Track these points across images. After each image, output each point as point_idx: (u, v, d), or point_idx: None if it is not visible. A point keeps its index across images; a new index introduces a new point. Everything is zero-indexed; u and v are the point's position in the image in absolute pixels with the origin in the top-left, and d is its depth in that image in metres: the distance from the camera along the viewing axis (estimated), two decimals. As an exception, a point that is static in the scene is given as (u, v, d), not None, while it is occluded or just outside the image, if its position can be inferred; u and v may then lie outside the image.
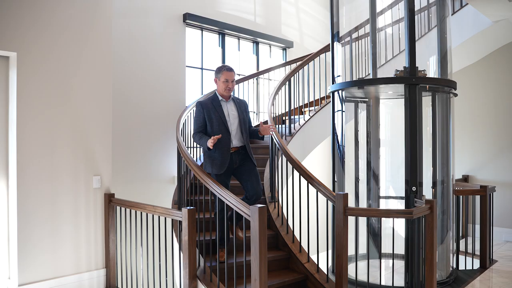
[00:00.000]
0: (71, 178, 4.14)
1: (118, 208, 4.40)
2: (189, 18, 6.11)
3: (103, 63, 4.40)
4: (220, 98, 3.94)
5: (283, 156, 4.46)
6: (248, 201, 3.79)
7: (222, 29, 6.61)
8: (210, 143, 3.62)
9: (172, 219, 4.09)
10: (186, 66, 6.18)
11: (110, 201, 4.39)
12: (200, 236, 3.85)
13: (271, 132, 4.06)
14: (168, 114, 5.79)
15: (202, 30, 6.49)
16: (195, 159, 5.72)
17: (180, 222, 3.49)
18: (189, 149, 5.71)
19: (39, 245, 3.90)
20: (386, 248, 4.65)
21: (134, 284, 4.30)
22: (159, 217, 3.85)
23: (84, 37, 4.25)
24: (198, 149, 6.04)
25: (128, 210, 4.25)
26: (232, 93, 3.97)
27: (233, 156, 3.87)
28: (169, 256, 3.97)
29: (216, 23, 6.48)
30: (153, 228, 3.90)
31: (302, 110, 6.22)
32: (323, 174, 6.63)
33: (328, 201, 3.86)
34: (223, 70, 3.86)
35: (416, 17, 5.82)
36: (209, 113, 3.87)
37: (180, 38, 6.10)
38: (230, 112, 3.93)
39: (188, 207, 3.39)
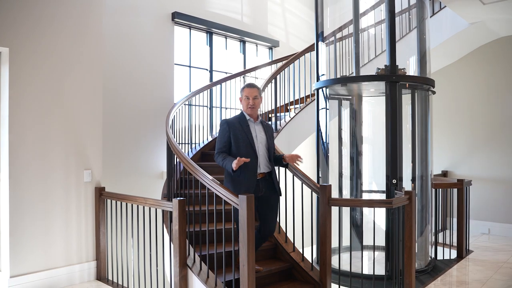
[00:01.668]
0: (62, 172, 4.24)
1: (108, 201, 4.51)
2: (177, 17, 6.24)
3: (94, 59, 4.51)
4: (247, 117, 3.63)
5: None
6: (260, 236, 3.65)
7: (210, 28, 6.75)
8: (235, 164, 3.32)
9: (163, 211, 4.22)
10: (175, 63, 6.31)
11: (100, 194, 4.50)
12: (190, 227, 3.98)
13: (297, 163, 3.71)
14: (157, 110, 5.91)
15: (190, 29, 6.62)
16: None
17: (171, 212, 3.62)
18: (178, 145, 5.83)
19: (31, 237, 4.00)
20: (368, 240, 4.85)
21: (125, 275, 4.42)
22: (149, 208, 3.97)
23: (76, 34, 4.35)
24: (187, 145, 6.17)
25: (118, 203, 4.37)
26: (259, 114, 3.69)
27: (259, 183, 3.56)
28: (159, 247, 4.09)
29: (204, 22, 6.62)
30: (144, 220, 4.03)
31: (288, 107, 6.39)
32: (309, 170, 6.79)
33: (313, 193, 4.04)
34: (244, 87, 3.64)
35: (397, 18, 6.06)
36: (236, 133, 3.54)
37: (169, 37, 6.22)
38: (258, 134, 3.61)
39: (179, 198, 3.53)
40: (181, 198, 3.54)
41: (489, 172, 6.75)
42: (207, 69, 6.84)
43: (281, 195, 3.73)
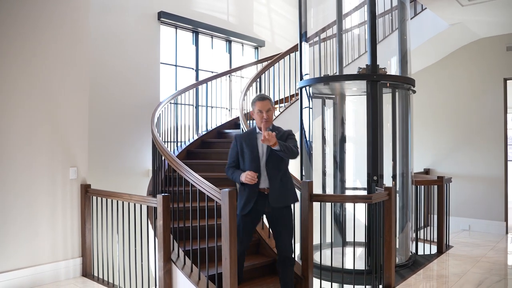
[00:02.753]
0: (48, 170, 4.27)
1: (94, 198, 4.55)
2: (163, 17, 6.29)
3: (80, 58, 4.55)
4: (257, 130, 3.48)
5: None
6: (279, 260, 3.54)
7: (196, 27, 6.81)
8: (243, 177, 3.28)
9: (148, 207, 4.27)
10: (161, 63, 6.36)
11: (86, 191, 4.54)
12: (175, 223, 4.05)
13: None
14: (143, 108, 5.96)
15: (176, 28, 6.68)
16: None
17: (155, 208, 3.68)
18: (164, 143, 5.89)
19: (15, 234, 4.02)
20: (351, 236, 4.96)
21: (110, 271, 4.46)
22: (134, 205, 4.03)
23: (62, 33, 4.39)
24: (173, 143, 6.23)
25: (104, 200, 4.42)
26: (271, 126, 3.47)
27: (260, 199, 3.41)
28: (144, 243, 4.15)
29: (190, 22, 6.68)
30: (129, 216, 4.08)
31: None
32: (292, 168, 6.89)
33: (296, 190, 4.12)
34: (255, 101, 3.41)
35: (380, 20, 6.19)
36: (242, 148, 3.44)
37: (155, 36, 6.28)
38: (266, 147, 3.39)
39: (163, 194, 3.60)
40: (166, 194, 3.61)
41: (470, 169, 6.91)
42: (193, 68, 6.90)
43: (293, 203, 3.56)
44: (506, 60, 6.67)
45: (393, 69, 5.17)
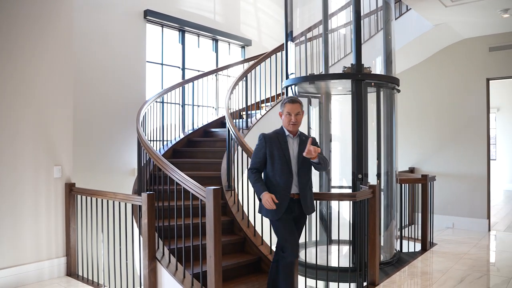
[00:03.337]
0: (31, 168, 4.24)
1: (78, 197, 4.52)
2: (149, 15, 6.27)
3: (65, 55, 4.52)
4: (287, 133, 3.33)
5: (239, 147, 4.71)
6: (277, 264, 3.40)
7: (182, 26, 6.80)
8: (264, 198, 3.13)
9: (132, 205, 4.26)
10: (147, 61, 6.33)
11: (71, 190, 4.51)
12: (160, 222, 4.04)
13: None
14: (129, 107, 5.93)
15: (162, 27, 6.66)
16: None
17: (140, 206, 3.67)
18: (150, 142, 5.86)
19: None
20: (335, 234, 4.99)
21: (95, 270, 4.44)
22: (119, 203, 4.01)
23: (46, 30, 4.35)
24: (159, 142, 6.21)
25: (88, 198, 4.39)
26: (298, 129, 3.38)
27: (294, 204, 3.27)
28: (129, 241, 4.13)
29: (176, 20, 6.66)
30: (114, 215, 4.06)
31: (260, 105, 6.49)
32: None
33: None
34: (285, 103, 3.32)
35: (365, 20, 6.25)
36: (272, 149, 3.26)
37: (141, 34, 6.24)
38: (296, 150, 3.30)
39: (148, 192, 3.59)
40: (150, 192, 3.60)
41: (454, 168, 7.00)
42: (179, 67, 6.88)
43: (313, 212, 3.45)
44: (489, 60, 6.77)
45: (378, 68, 5.22)
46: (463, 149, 6.93)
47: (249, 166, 3.36)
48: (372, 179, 4.74)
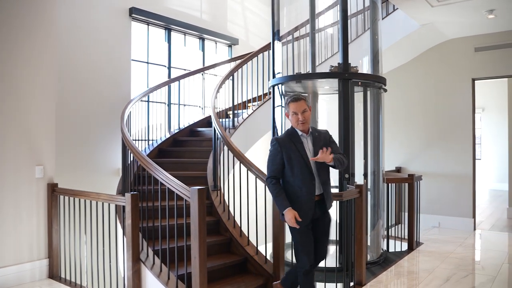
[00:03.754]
0: (12, 168, 4.14)
1: (61, 197, 4.43)
2: (135, 13, 6.18)
3: (48, 52, 4.42)
4: (300, 133, 3.13)
5: (225, 147, 4.66)
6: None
7: (168, 24, 6.72)
8: (288, 216, 2.96)
9: (116, 205, 4.18)
10: (132, 59, 6.24)
11: (53, 190, 4.42)
12: (144, 223, 3.97)
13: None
14: (114, 106, 5.83)
15: (148, 25, 6.57)
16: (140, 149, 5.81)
17: (124, 207, 3.61)
18: (135, 141, 5.78)
19: (-21, 234, 3.88)
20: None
21: (78, 272, 4.35)
22: (102, 204, 3.94)
23: (29, 28, 4.25)
24: (145, 142, 6.13)
25: (71, 199, 4.31)
26: (308, 127, 3.17)
27: (316, 206, 3.12)
28: (114, 243, 4.06)
29: (162, 19, 6.58)
30: (97, 216, 3.99)
31: (247, 105, 6.45)
32: (264, 167, 6.90)
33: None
34: (289, 102, 3.12)
35: (352, 20, 6.24)
36: (289, 153, 3.07)
37: (126, 32, 6.15)
38: (311, 149, 3.12)
39: (132, 193, 3.52)
40: (134, 193, 3.54)
41: (440, 168, 7.03)
42: (165, 66, 6.80)
43: (330, 207, 3.27)
44: (474, 61, 6.82)
45: (364, 68, 5.21)
46: (449, 149, 6.97)
47: (267, 175, 3.15)
48: (359, 179, 4.73)
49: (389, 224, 5.53)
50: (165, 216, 3.54)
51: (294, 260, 4.37)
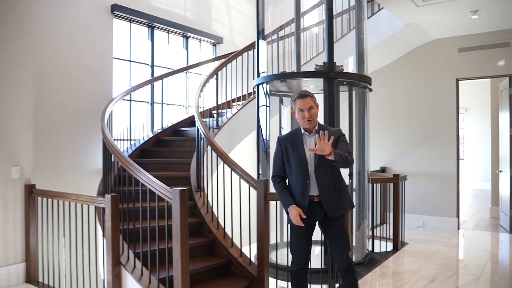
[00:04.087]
0: (-13, 169, 3.99)
1: (39, 199, 4.30)
2: (117, 9, 6.04)
3: (25, 50, 4.29)
4: (302, 131, 3.05)
5: (209, 147, 4.58)
6: (338, 270, 3.17)
7: (151, 22, 6.59)
8: (292, 215, 2.94)
9: (97, 207, 4.07)
10: (114, 58, 6.10)
11: (30, 192, 4.28)
12: (125, 225, 3.86)
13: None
14: (95, 105, 5.68)
15: (130, 22, 6.44)
16: (122, 150, 5.69)
17: (104, 209, 3.50)
18: (117, 141, 5.66)
19: (-49, 237, 3.73)
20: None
21: (56, 276, 4.22)
22: (82, 205, 3.82)
23: (4, 25, 4.11)
24: (127, 141, 6.01)
25: (50, 201, 4.18)
26: (316, 126, 3.04)
27: (311, 207, 3.01)
28: (93, 245, 3.94)
29: (145, 16, 6.46)
30: (76, 218, 3.87)
31: (231, 104, 6.37)
32: (250, 167, 6.81)
33: (251, 189, 4.03)
34: (295, 99, 3.01)
35: (338, 19, 6.21)
36: (287, 151, 3.05)
37: (108, 29, 6.01)
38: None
39: (112, 194, 3.42)
40: (114, 194, 3.44)
41: (424, 168, 7.05)
42: (148, 64, 6.68)
43: (350, 209, 3.16)
44: (459, 61, 6.85)
45: (350, 67, 5.18)
46: (433, 149, 6.99)
47: (271, 174, 3.14)
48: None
49: (374, 224, 5.51)
50: (146, 218, 3.44)
51: (281, 262, 4.34)
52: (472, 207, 9.26)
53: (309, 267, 3.21)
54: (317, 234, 4.26)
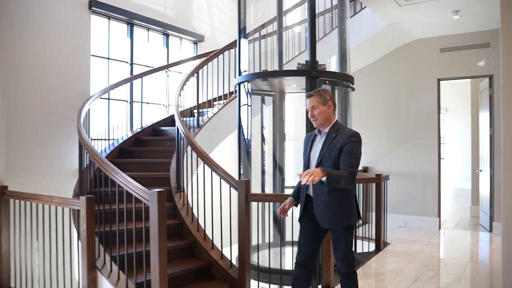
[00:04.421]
0: (-45, 169, 3.81)
1: (11, 201, 4.13)
2: (95, 5, 5.87)
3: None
4: (316, 131, 3.03)
5: (189, 146, 4.47)
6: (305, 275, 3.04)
7: (131, 19, 6.44)
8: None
9: (72, 209, 3.92)
10: (92, 55, 5.93)
11: (2, 194, 4.11)
12: (101, 227, 3.73)
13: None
14: (71, 103, 5.50)
15: (109, 19, 6.27)
16: (99, 150, 5.54)
17: (79, 211, 3.36)
18: (92, 141, 5.51)
19: None
20: (289, 236, 4.86)
21: (30, 281, 4.06)
22: (56, 207, 3.68)
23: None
24: (106, 141, 5.84)
25: (23, 203, 4.01)
26: (329, 125, 2.92)
27: (308, 203, 2.99)
28: (69, 249, 3.79)
29: (124, 13, 6.29)
30: (50, 220, 3.72)
31: (212, 103, 6.27)
32: (231, 168, 6.71)
33: (232, 190, 3.94)
34: (306, 99, 3.02)
35: (320, 18, 6.16)
36: (306, 149, 3.06)
37: (85, 26, 5.84)
38: (318, 150, 2.93)
39: (87, 195, 3.29)
40: (89, 196, 3.31)
41: (406, 167, 7.06)
42: (127, 62, 6.52)
43: (344, 225, 2.88)
44: (440, 61, 6.88)
45: (332, 67, 5.13)
46: (415, 149, 7.00)
47: None
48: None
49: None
50: (123, 220, 3.32)
51: (263, 264, 4.26)
52: (453, 207, 9.34)
53: (292, 268, 3.12)
54: (294, 233, 4.20)
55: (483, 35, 6.53)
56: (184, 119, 5.67)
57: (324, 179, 2.57)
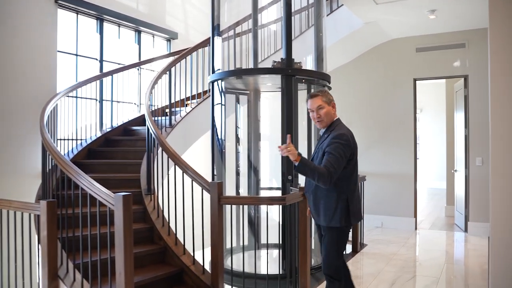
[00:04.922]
0: None
1: (-33, 206, 3.85)
2: (62, -1, 5.61)
3: None
4: (321, 131, 3.14)
5: (160, 147, 4.28)
6: None
7: (100, 14, 6.19)
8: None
9: (32, 214, 3.68)
10: (58, 51, 5.66)
11: (-43, 198, 3.83)
12: (64, 233, 3.51)
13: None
14: (36, 102, 5.22)
15: (77, 14, 6.01)
16: (67, 151, 5.30)
17: (39, 216, 3.14)
18: (59, 141, 5.25)
19: None
20: (264, 238, 4.72)
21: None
22: (14, 212, 3.44)
23: None
24: (74, 141, 5.58)
25: (-21, 207, 3.75)
26: (332, 127, 3.01)
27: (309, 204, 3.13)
28: (29, 257, 3.55)
29: (93, 7, 6.04)
30: (8, 226, 3.47)
31: (185, 103, 6.08)
32: (204, 169, 6.53)
33: (204, 192, 3.77)
34: (306, 100, 3.05)
35: (297, 16, 6.05)
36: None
37: (51, 20, 5.56)
38: (318, 148, 3.02)
39: (48, 200, 3.07)
40: (51, 200, 3.09)
41: (383, 168, 7.02)
42: (97, 59, 6.26)
43: (322, 223, 2.96)
44: (416, 61, 6.86)
45: (308, 65, 5.02)
46: (392, 149, 6.97)
47: None
48: (303, 180, 4.51)
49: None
50: (87, 225, 3.11)
51: (237, 268, 4.10)
52: (428, 206, 9.38)
53: (267, 273, 3.00)
54: (274, 237, 4.07)
55: (458, 35, 6.54)
56: (156, 118, 5.46)
57: (296, 163, 2.72)
